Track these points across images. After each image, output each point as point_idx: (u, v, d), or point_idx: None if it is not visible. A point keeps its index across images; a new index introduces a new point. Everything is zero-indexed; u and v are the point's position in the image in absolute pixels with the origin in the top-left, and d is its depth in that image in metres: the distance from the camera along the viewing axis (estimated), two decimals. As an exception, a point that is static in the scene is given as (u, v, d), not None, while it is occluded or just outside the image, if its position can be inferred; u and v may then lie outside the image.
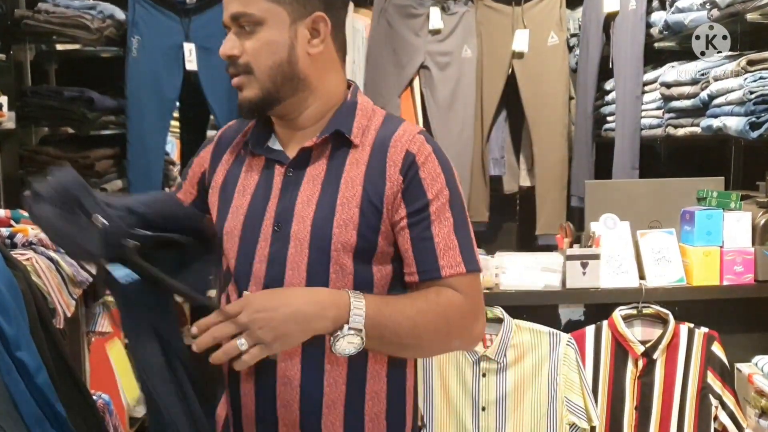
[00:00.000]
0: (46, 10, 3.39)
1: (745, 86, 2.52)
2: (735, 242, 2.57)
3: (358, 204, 1.36)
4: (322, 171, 1.40)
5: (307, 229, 1.37)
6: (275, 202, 1.41)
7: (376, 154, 1.39)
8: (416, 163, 1.37)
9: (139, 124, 3.70)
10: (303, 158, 1.42)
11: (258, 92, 1.38)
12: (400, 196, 1.36)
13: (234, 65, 1.37)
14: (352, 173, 1.38)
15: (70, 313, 2.01)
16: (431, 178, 1.37)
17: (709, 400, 2.51)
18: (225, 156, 1.52)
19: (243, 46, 1.36)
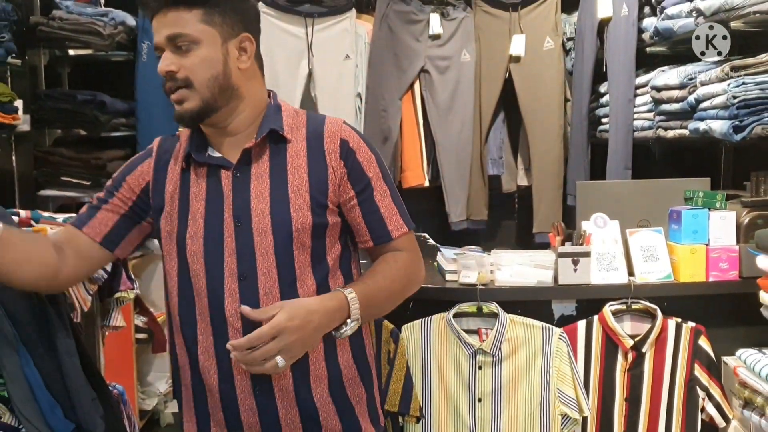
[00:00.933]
0: (60, 17, 3.49)
1: (729, 91, 2.59)
2: (720, 240, 2.60)
3: (308, 189, 1.57)
4: (266, 167, 1.59)
5: (267, 219, 1.56)
6: (229, 201, 1.58)
7: (313, 145, 1.60)
8: (351, 148, 1.60)
9: (149, 126, 3.79)
10: (245, 159, 1.59)
11: (198, 103, 1.54)
12: (345, 179, 1.60)
13: (173, 80, 1.53)
14: (295, 164, 1.59)
15: (86, 308, 2.10)
16: (367, 161, 1.62)
17: (697, 392, 2.53)
18: (169, 168, 1.65)
19: (180, 63, 1.52)
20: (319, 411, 1.63)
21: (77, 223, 1.67)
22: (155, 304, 4.11)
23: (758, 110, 2.57)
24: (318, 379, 1.62)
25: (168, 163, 1.66)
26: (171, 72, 1.52)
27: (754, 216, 2.62)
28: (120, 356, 3.33)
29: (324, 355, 1.62)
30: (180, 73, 1.52)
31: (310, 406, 1.62)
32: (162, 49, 1.54)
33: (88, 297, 2.10)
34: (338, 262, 1.65)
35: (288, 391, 1.60)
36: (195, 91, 1.54)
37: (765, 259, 2.29)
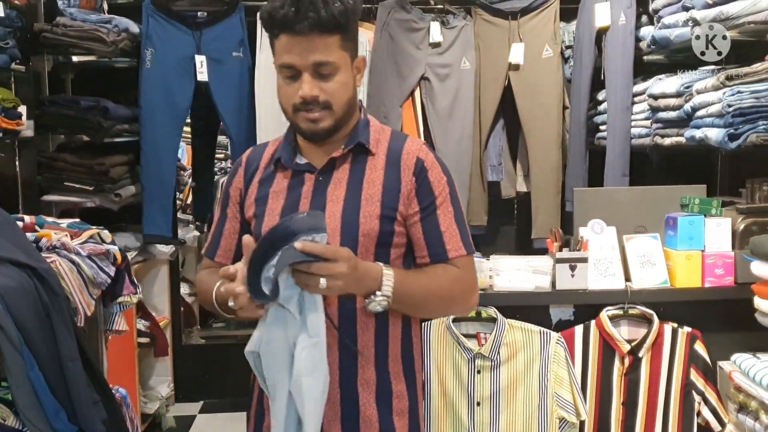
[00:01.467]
0: (64, 23, 3.50)
1: (724, 100, 2.62)
2: (716, 246, 2.64)
3: (380, 199, 1.67)
4: (346, 175, 1.70)
5: (337, 222, 1.66)
6: (307, 201, 1.69)
7: (391, 161, 1.70)
8: (425, 167, 1.69)
9: (152, 132, 3.82)
10: (329, 166, 1.71)
11: (332, 122, 1.65)
12: (413, 194, 1.68)
13: (315, 103, 1.62)
14: (372, 176, 1.69)
15: (90, 313, 2.09)
16: (437, 180, 1.70)
17: (693, 396, 2.56)
18: (257, 174, 1.78)
19: (321, 88, 1.61)
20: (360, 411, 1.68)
21: (210, 254, 1.82)
22: (157, 309, 4.14)
23: (753, 118, 2.60)
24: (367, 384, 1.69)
25: (256, 169, 1.78)
26: (315, 97, 1.61)
27: (749, 223, 2.65)
28: (122, 360, 3.36)
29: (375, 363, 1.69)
30: (321, 97, 1.62)
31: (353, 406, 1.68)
32: (297, 70, 1.61)
33: (91, 301, 2.12)
34: None
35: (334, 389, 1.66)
36: (332, 113, 1.64)
37: (760, 265, 2.32)
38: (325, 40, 1.59)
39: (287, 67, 1.62)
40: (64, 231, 2.25)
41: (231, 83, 3.92)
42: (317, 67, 1.60)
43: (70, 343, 1.79)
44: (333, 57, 1.61)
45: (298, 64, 1.60)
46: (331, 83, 1.62)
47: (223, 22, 3.90)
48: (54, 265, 1.98)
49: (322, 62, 1.60)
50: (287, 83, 1.64)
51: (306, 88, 1.60)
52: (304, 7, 1.57)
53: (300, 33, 1.58)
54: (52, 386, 1.72)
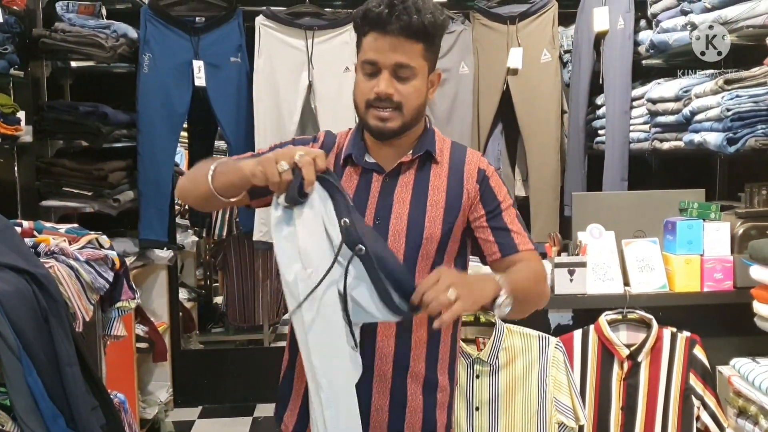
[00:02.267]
0: (63, 29, 3.51)
1: (723, 104, 2.63)
2: (715, 251, 2.64)
3: (443, 205, 1.76)
4: (412, 180, 1.78)
5: (404, 223, 1.75)
6: (374, 201, 1.77)
7: (454, 170, 1.79)
8: (486, 176, 1.79)
9: (150, 138, 3.82)
10: (397, 170, 1.79)
11: (400, 124, 1.71)
12: (477, 200, 1.78)
13: (388, 101, 1.69)
14: (437, 183, 1.78)
15: (88, 318, 2.09)
16: (498, 187, 1.81)
17: (692, 401, 2.56)
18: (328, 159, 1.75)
19: (397, 89, 1.68)
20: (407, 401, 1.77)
21: None
22: (156, 314, 4.14)
23: (752, 123, 2.60)
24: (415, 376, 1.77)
25: (333, 146, 1.84)
26: (389, 95, 1.68)
27: (748, 227, 2.65)
28: (121, 365, 3.35)
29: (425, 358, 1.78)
30: (395, 97, 1.68)
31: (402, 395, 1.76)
32: (378, 67, 1.68)
33: (90, 306, 2.12)
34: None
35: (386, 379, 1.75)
36: (402, 115, 1.70)
37: (759, 269, 2.32)
38: (410, 44, 1.67)
39: (370, 63, 1.69)
40: (63, 236, 2.26)
41: (229, 88, 3.93)
42: (397, 68, 1.68)
43: (68, 349, 1.79)
44: (414, 62, 1.68)
45: (380, 61, 1.67)
46: (407, 86, 1.69)
47: (221, 28, 3.91)
48: (52, 270, 1.98)
49: (403, 64, 1.67)
50: (365, 79, 1.71)
51: (383, 85, 1.68)
52: (398, 10, 1.65)
53: (389, 33, 1.66)
54: (51, 392, 1.72)
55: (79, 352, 1.85)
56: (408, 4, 1.66)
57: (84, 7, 3.69)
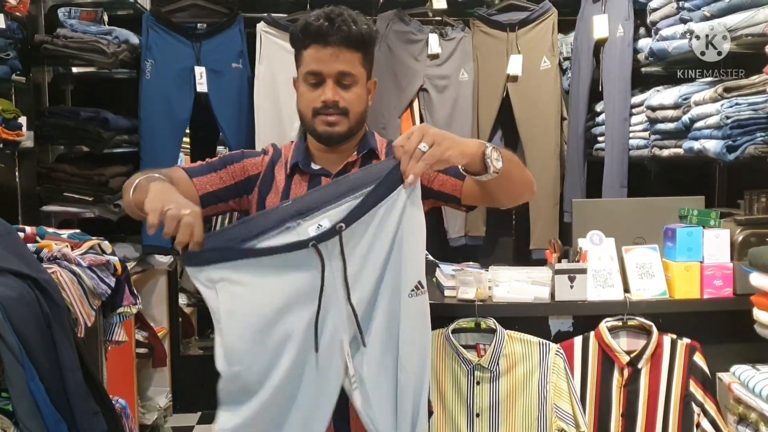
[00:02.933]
0: (65, 35, 3.52)
1: (722, 111, 2.63)
2: (714, 258, 2.63)
3: None
4: None
5: None
6: None
7: None
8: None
9: (152, 143, 3.82)
10: (343, 171, 1.90)
11: (346, 129, 1.85)
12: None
13: (335, 107, 1.82)
14: None
15: (90, 323, 2.11)
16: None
17: (692, 408, 2.55)
18: (276, 174, 1.94)
19: (342, 96, 1.83)
20: None
21: (190, 172, 1.88)
22: (155, 319, 4.14)
23: (751, 130, 2.61)
24: None
25: (275, 166, 1.95)
26: (336, 102, 1.82)
27: (747, 234, 2.65)
28: (121, 371, 3.35)
29: None
30: (341, 103, 1.83)
31: None
32: (322, 77, 1.81)
33: (92, 312, 2.13)
34: None
35: None
36: (347, 120, 1.85)
37: (759, 276, 2.32)
38: (350, 54, 1.81)
39: (313, 73, 1.82)
40: (65, 242, 2.26)
41: (230, 94, 3.94)
42: (340, 77, 1.81)
43: (70, 354, 1.80)
44: (355, 70, 1.83)
45: (324, 71, 1.81)
46: (351, 93, 1.84)
47: (222, 34, 3.92)
48: (55, 275, 2.00)
49: (346, 72, 1.81)
50: (309, 90, 1.84)
51: (329, 93, 1.81)
52: (337, 23, 1.79)
53: (331, 44, 1.79)
54: (53, 397, 1.73)
55: (81, 358, 1.86)
56: (345, 17, 1.80)
57: (86, 13, 3.70)
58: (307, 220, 1.58)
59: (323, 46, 1.80)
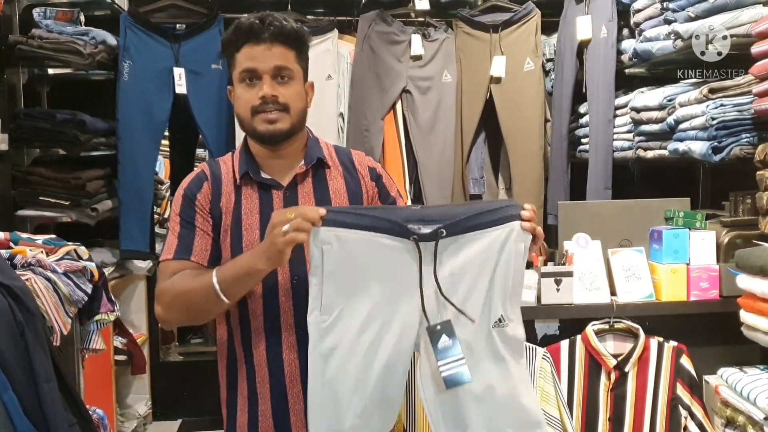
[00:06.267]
0: (40, 35, 3.44)
1: (708, 113, 2.63)
2: (701, 260, 2.64)
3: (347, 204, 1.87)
4: (311, 189, 1.87)
5: None
6: None
7: (347, 171, 1.92)
8: (379, 174, 1.95)
9: (130, 146, 3.76)
10: (294, 182, 1.87)
11: (288, 125, 1.82)
12: (377, 197, 1.93)
13: (273, 104, 1.80)
14: (335, 186, 1.89)
15: (66, 331, 2.05)
16: (388, 182, 1.97)
17: (679, 411, 2.55)
18: (223, 188, 1.88)
19: (280, 91, 1.80)
20: None
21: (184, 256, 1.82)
22: (134, 325, 4.08)
23: (736, 131, 2.61)
24: None
25: (220, 183, 1.88)
26: (275, 97, 1.80)
27: (733, 236, 2.66)
28: (99, 379, 3.28)
29: None
30: (281, 99, 1.80)
31: None
32: (257, 74, 1.80)
33: (68, 320, 2.07)
34: None
35: None
36: (289, 116, 1.82)
37: (745, 278, 2.32)
38: (284, 49, 1.81)
39: (249, 70, 1.80)
40: (40, 247, 2.21)
41: (210, 96, 3.88)
42: (277, 71, 1.80)
43: (45, 364, 1.75)
44: (291, 66, 1.82)
45: (260, 67, 1.79)
46: (289, 89, 1.82)
47: (201, 35, 3.86)
48: (29, 282, 1.94)
49: (282, 66, 1.80)
50: (246, 89, 1.81)
51: (267, 88, 1.79)
52: (268, 20, 1.80)
53: (264, 41, 1.78)
54: (27, 409, 1.68)
55: (56, 368, 1.81)
56: (275, 16, 1.82)
57: (62, 13, 3.63)
58: (426, 226, 1.65)
59: (256, 43, 1.79)
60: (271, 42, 1.79)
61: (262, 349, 1.83)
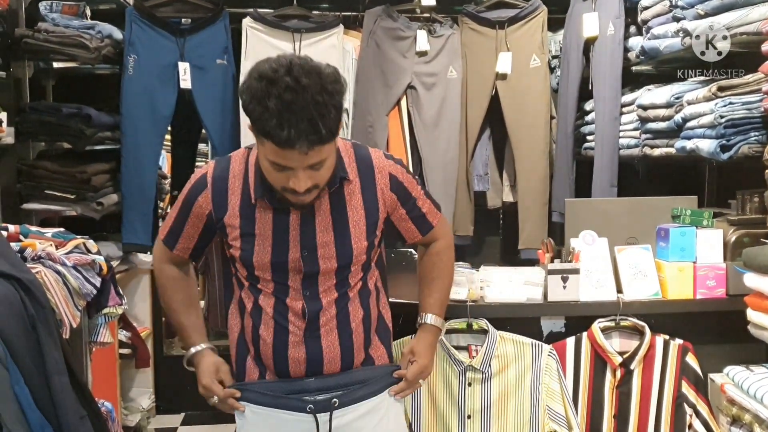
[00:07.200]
0: (46, 29, 3.44)
1: (716, 111, 2.63)
2: (707, 258, 2.63)
3: (364, 221, 1.90)
4: (327, 204, 1.86)
5: (332, 250, 1.87)
6: (296, 233, 1.86)
7: (365, 181, 1.90)
8: (399, 180, 1.95)
9: (134, 140, 3.76)
10: (311, 202, 1.83)
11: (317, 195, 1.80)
12: (397, 204, 1.96)
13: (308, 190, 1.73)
14: (353, 201, 1.89)
15: (75, 324, 2.06)
16: (409, 183, 1.98)
17: (684, 409, 2.55)
18: (230, 200, 1.88)
19: (315, 177, 1.72)
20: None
21: (170, 245, 2.03)
22: (138, 319, 4.07)
23: (745, 130, 2.60)
24: None
25: (225, 191, 1.88)
26: (308, 188, 1.73)
27: (740, 234, 2.65)
28: (103, 372, 3.29)
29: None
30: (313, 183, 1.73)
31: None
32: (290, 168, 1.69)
33: (77, 313, 2.07)
34: (375, 260, 2.03)
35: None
36: (319, 188, 1.78)
37: (753, 276, 2.32)
38: (321, 147, 1.66)
39: (279, 165, 1.69)
40: (49, 240, 2.21)
41: (214, 91, 3.88)
42: (312, 167, 1.70)
43: (56, 357, 1.76)
44: (327, 154, 1.71)
45: (293, 166, 1.68)
46: (322, 171, 1.74)
47: (206, 29, 3.86)
48: (39, 275, 1.95)
49: (319, 163, 1.70)
50: (274, 170, 1.71)
51: (301, 184, 1.71)
52: (303, 128, 1.59)
53: (298, 149, 1.63)
54: (38, 401, 1.70)
55: (66, 360, 1.82)
56: (309, 111, 1.59)
57: (68, 7, 3.63)
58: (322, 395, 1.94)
59: (289, 149, 1.63)
60: (306, 151, 1.64)
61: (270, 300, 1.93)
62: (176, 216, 1.98)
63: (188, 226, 1.97)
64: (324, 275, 1.90)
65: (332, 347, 1.94)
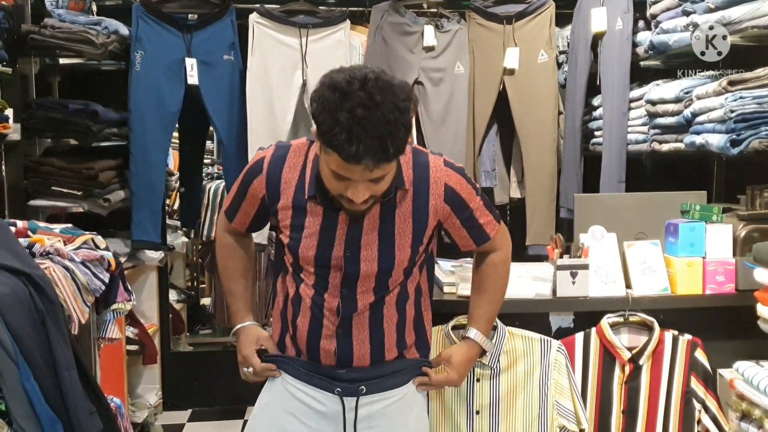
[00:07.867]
0: (52, 25, 3.43)
1: (726, 105, 2.62)
2: (717, 253, 2.62)
3: (411, 231, 1.88)
4: (378, 209, 1.85)
5: (375, 253, 1.86)
6: (342, 233, 1.85)
7: (419, 191, 1.86)
8: (455, 191, 1.89)
9: (142, 137, 3.76)
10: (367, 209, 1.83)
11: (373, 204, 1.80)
12: (451, 214, 1.92)
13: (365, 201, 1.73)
14: (402, 210, 1.86)
15: (84, 320, 2.07)
16: (467, 195, 1.93)
17: (693, 405, 2.54)
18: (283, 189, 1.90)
19: (374, 189, 1.72)
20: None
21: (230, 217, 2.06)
22: (145, 315, 4.08)
23: (755, 124, 2.59)
24: None
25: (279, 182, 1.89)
26: (367, 200, 1.73)
27: (750, 229, 2.64)
28: (111, 368, 3.30)
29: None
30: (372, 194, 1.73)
31: None
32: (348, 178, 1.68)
33: (86, 309, 2.08)
34: (420, 263, 1.99)
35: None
36: (376, 198, 1.78)
37: (763, 272, 2.31)
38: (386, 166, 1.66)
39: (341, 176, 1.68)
40: (57, 236, 2.22)
41: (222, 86, 3.88)
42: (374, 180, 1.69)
43: (65, 352, 1.76)
44: (390, 169, 1.71)
45: (355, 178, 1.67)
46: (382, 184, 1.72)
47: (213, 25, 3.86)
48: (48, 271, 1.96)
49: (381, 177, 1.69)
50: (335, 178, 1.70)
51: (360, 196, 1.70)
52: (372, 146, 1.58)
53: (364, 164, 1.61)
54: (48, 396, 1.70)
55: (75, 356, 1.82)
56: (379, 129, 1.57)
57: (74, 2, 3.63)
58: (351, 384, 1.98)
59: (355, 164, 1.61)
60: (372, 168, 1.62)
61: (310, 291, 1.93)
62: (236, 192, 2.01)
63: (245, 204, 1.99)
64: (364, 278, 1.90)
65: (363, 346, 1.96)
